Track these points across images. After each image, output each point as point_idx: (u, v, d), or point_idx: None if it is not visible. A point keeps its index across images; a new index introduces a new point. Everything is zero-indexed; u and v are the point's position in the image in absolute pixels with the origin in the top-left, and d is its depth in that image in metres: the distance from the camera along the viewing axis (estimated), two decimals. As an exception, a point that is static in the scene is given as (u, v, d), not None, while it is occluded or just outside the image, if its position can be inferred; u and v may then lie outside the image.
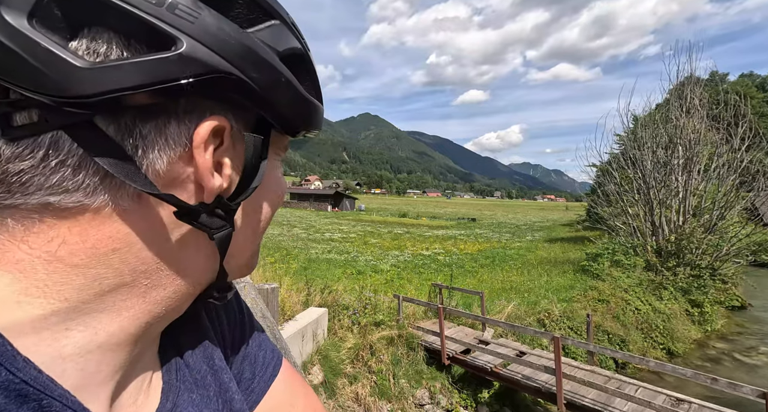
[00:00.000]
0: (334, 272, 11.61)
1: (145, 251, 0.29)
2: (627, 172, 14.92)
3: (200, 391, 0.39)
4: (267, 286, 2.26)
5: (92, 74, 0.23)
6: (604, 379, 5.44)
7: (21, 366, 0.25)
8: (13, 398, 0.24)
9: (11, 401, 0.24)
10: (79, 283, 0.27)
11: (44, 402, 0.25)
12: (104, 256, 0.28)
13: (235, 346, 0.47)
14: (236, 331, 0.48)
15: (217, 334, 0.45)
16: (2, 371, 0.24)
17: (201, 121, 0.28)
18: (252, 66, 0.28)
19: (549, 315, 8.22)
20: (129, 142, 0.26)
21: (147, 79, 0.24)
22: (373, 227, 28.27)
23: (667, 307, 9.77)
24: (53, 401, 0.26)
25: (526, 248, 19.20)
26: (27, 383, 0.25)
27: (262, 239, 0.40)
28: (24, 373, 0.25)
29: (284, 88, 0.31)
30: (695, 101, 14.08)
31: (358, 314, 6.82)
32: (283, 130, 0.34)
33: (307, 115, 0.35)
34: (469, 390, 6.45)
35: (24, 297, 0.26)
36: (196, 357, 0.41)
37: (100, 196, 0.27)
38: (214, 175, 0.29)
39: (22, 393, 0.24)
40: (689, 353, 8.99)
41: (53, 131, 0.25)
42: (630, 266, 11.27)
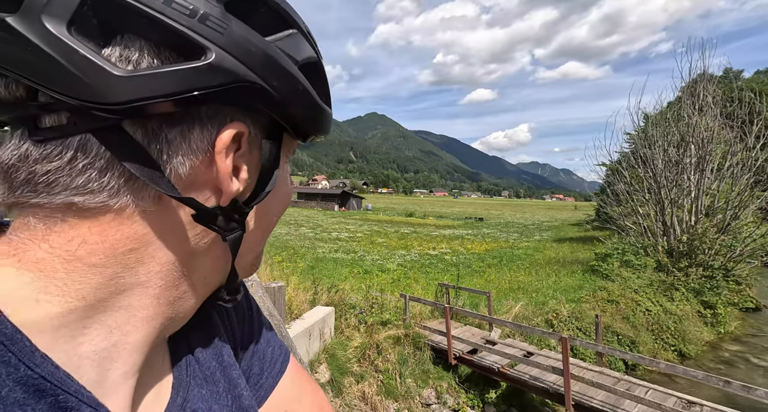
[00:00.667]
0: (341, 271, 11.65)
1: (161, 252, 0.30)
2: (637, 171, 14.70)
3: (210, 386, 0.40)
4: (274, 284, 2.28)
5: (128, 82, 0.24)
6: (613, 380, 5.37)
7: (39, 362, 0.26)
8: (32, 393, 0.25)
9: (30, 395, 0.25)
10: (96, 282, 0.28)
11: (60, 397, 0.26)
12: (122, 256, 0.28)
13: (244, 342, 0.47)
14: (245, 327, 0.48)
15: (227, 330, 0.45)
16: (21, 366, 0.25)
17: (223, 128, 0.29)
18: (273, 75, 0.29)
19: (557, 316, 8.14)
20: (155, 147, 0.27)
21: (178, 87, 0.25)
22: (379, 227, 28.29)
23: (679, 308, 9.60)
24: (69, 397, 0.26)
25: (534, 248, 19.04)
26: (44, 378, 0.25)
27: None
28: (42, 368, 0.25)
29: (301, 96, 0.32)
30: (708, 99, 13.80)
31: (365, 313, 6.84)
32: (295, 135, 0.35)
33: (318, 121, 0.36)
34: (476, 390, 6.43)
35: (43, 295, 0.27)
36: (206, 353, 0.41)
37: (123, 198, 0.27)
38: (232, 180, 0.30)
39: (40, 388, 0.25)
40: (702, 355, 8.83)
41: (82, 134, 0.26)
42: (640, 267, 11.10)
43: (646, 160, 14.20)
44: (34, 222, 0.27)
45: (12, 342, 0.25)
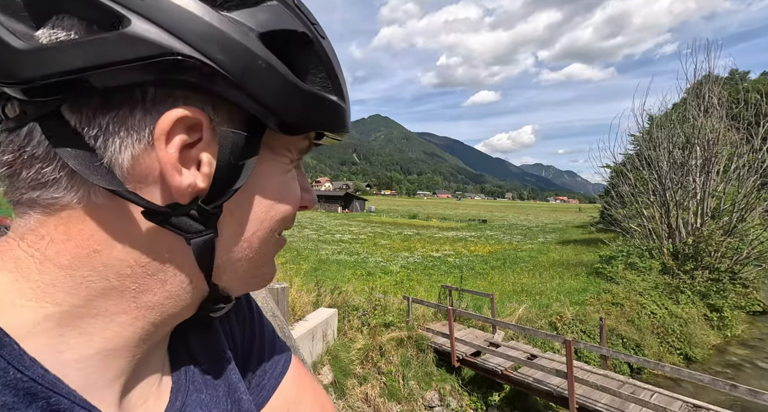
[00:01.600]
0: (344, 273, 11.66)
1: (126, 253, 0.28)
2: (642, 173, 14.61)
3: (209, 391, 0.39)
4: (277, 285, 2.30)
5: (32, 56, 0.23)
6: (618, 384, 5.33)
7: (28, 365, 0.25)
8: (22, 397, 0.24)
9: (20, 399, 0.24)
10: (68, 285, 0.27)
11: (52, 400, 0.25)
12: (87, 257, 0.27)
13: (245, 345, 0.47)
14: (246, 330, 0.48)
15: (226, 334, 0.45)
16: (10, 369, 0.24)
17: (165, 112, 0.26)
18: (218, 47, 0.25)
19: (561, 318, 8.10)
20: (90, 134, 0.25)
21: (87, 61, 0.23)
22: (383, 229, 28.29)
23: (685, 311, 9.50)
24: (61, 399, 0.26)
25: (537, 250, 18.95)
26: (35, 381, 0.25)
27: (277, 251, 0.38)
28: (32, 371, 0.25)
29: (265, 75, 0.27)
30: (714, 100, 13.71)
31: (368, 314, 6.84)
32: (280, 129, 0.29)
33: (312, 112, 0.30)
34: (480, 393, 6.40)
35: (19, 300, 0.26)
36: (206, 357, 0.41)
37: (72, 192, 0.26)
38: (181, 173, 0.27)
39: (30, 391, 0.25)
40: (708, 359, 8.73)
41: (30, 123, 0.25)
42: (645, 269, 11.01)
43: (650, 162, 14.11)
44: (17, 219, 0.28)
45: (0, 345, 0.24)
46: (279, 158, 0.33)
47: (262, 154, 0.31)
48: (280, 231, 0.35)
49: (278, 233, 0.35)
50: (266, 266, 0.36)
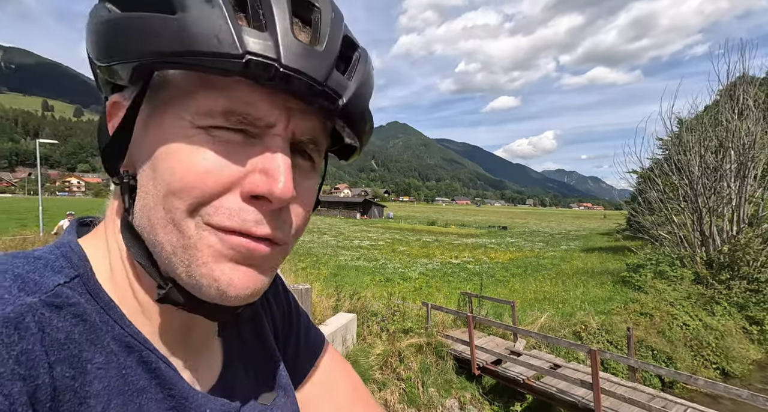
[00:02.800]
0: (363, 278, 11.71)
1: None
2: (671, 178, 14.02)
3: (254, 366, 0.45)
4: (301, 286, 2.38)
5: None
6: (648, 397, 5.10)
7: (127, 323, 0.32)
8: (123, 348, 0.31)
9: (122, 349, 0.31)
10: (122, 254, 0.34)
11: (144, 353, 0.32)
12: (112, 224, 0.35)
13: (285, 331, 0.53)
14: (285, 315, 0.54)
15: (267, 317, 0.51)
16: (116, 326, 0.31)
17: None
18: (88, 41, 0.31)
19: (585, 328, 7.84)
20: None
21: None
22: (401, 235, 28.24)
23: (721, 323, 8.99)
24: (150, 354, 0.33)
25: (560, 258, 18.43)
26: (133, 337, 0.32)
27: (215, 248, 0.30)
28: (130, 329, 0.32)
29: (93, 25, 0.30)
30: (749, 102, 13.05)
31: (387, 320, 6.84)
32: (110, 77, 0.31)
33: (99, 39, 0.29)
34: (501, 402, 6.26)
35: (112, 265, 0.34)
36: (251, 337, 0.46)
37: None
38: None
39: (129, 345, 0.32)
40: (748, 374, 8.21)
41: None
42: (676, 278, 10.51)
43: (680, 167, 13.53)
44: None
45: (108, 307, 0.32)
46: (172, 120, 0.29)
47: (156, 115, 0.30)
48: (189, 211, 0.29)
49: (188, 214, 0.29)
50: (194, 265, 0.29)
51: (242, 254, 0.30)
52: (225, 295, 0.30)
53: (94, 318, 0.30)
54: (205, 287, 0.30)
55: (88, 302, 0.31)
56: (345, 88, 0.31)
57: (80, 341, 0.28)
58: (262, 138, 0.30)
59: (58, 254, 0.32)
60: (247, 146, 0.30)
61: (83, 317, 0.29)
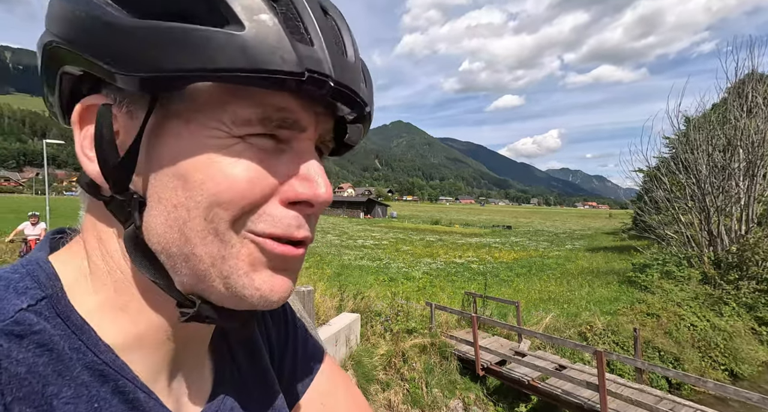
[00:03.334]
0: (367, 278, 11.69)
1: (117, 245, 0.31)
2: (678, 177, 13.86)
3: (246, 387, 0.42)
4: (303, 288, 2.36)
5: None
6: (655, 399, 5.04)
7: (103, 349, 0.29)
8: (97, 377, 0.28)
9: (95, 379, 0.28)
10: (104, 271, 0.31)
11: (120, 382, 0.29)
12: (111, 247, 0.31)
13: (280, 344, 0.49)
14: (281, 330, 0.50)
15: (262, 334, 0.47)
16: (89, 353, 0.28)
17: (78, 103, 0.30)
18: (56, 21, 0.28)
19: (591, 328, 7.77)
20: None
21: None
22: (405, 234, 28.21)
23: (729, 324, 8.87)
24: (127, 383, 0.29)
25: (565, 257, 18.31)
26: (107, 364, 0.29)
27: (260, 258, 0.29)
28: (105, 356, 0.29)
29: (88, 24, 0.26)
30: (758, 100, 12.86)
31: (390, 320, 6.82)
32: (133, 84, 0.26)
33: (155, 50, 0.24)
34: (505, 403, 6.22)
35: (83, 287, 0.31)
36: (244, 356, 0.43)
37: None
38: (93, 161, 0.29)
39: (103, 373, 0.28)
40: (757, 376, 8.10)
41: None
42: (683, 279, 10.39)
43: (688, 166, 13.37)
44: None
45: (81, 331, 0.28)
46: (201, 130, 0.28)
47: (174, 125, 0.28)
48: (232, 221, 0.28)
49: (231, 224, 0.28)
50: (234, 275, 0.29)
51: (281, 262, 0.30)
52: (267, 300, 0.30)
53: (62, 346, 0.27)
54: (247, 297, 0.29)
55: (57, 326, 0.28)
56: (369, 96, 0.33)
57: (45, 374, 0.26)
58: (291, 143, 0.30)
59: (23, 272, 0.29)
60: (279, 153, 0.30)
61: (49, 346, 0.27)
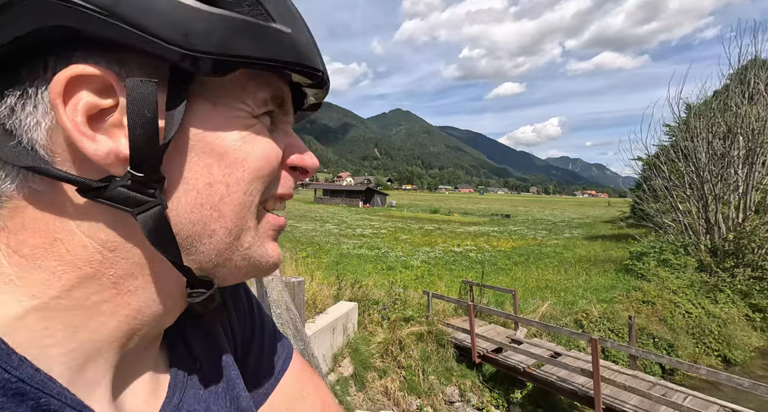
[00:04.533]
0: (365, 267, 11.74)
1: (88, 238, 0.26)
2: (677, 165, 13.81)
3: (208, 387, 0.38)
4: (293, 279, 2.33)
5: None
6: (648, 385, 5.12)
7: (17, 365, 0.24)
8: (10, 397, 0.23)
9: (8, 399, 0.23)
10: (40, 277, 0.26)
11: (42, 400, 0.24)
12: (51, 246, 0.26)
13: (245, 339, 0.46)
14: (246, 324, 0.47)
15: (225, 329, 0.44)
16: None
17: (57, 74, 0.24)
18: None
19: (587, 316, 7.84)
20: (1, 110, 0.25)
21: None
22: (403, 223, 28.26)
23: (723, 311, 8.98)
24: (51, 399, 0.25)
25: (563, 246, 18.40)
26: (24, 381, 0.24)
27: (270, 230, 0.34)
28: (20, 371, 0.24)
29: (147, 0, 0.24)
30: (760, 86, 12.71)
31: (388, 309, 6.87)
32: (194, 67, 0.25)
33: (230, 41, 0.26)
34: (501, 390, 6.32)
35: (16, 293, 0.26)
36: (204, 353, 0.40)
37: (8, 181, 0.25)
38: (95, 139, 0.25)
39: (19, 392, 0.24)
40: (750, 362, 8.23)
41: None
42: (680, 266, 10.46)
43: (687, 154, 13.31)
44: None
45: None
46: (229, 111, 0.29)
47: (201, 107, 0.28)
48: (262, 199, 0.32)
49: (260, 202, 0.32)
50: (255, 245, 0.32)
51: (278, 232, 0.35)
52: (276, 265, 0.35)
53: None
54: (262, 265, 0.33)
55: None
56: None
57: None
58: (280, 120, 0.34)
59: None
60: (276, 129, 0.34)
61: None
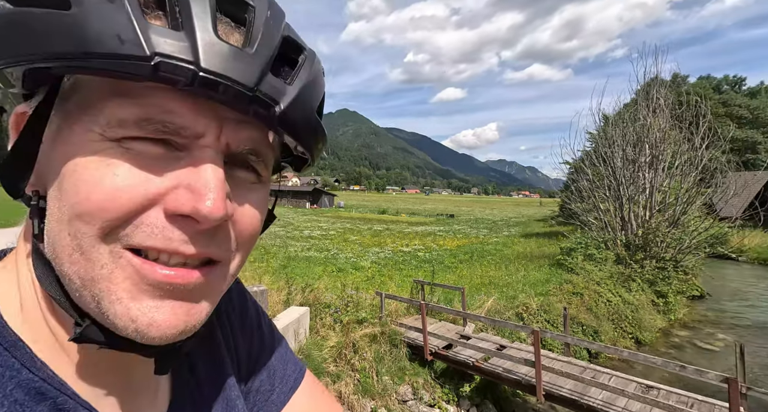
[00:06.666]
0: (314, 269, 11.45)
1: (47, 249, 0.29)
2: (599, 169, 15.50)
3: (207, 406, 0.39)
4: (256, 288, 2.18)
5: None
6: (580, 369, 5.64)
7: (39, 366, 0.28)
8: (33, 395, 0.26)
9: (31, 397, 0.26)
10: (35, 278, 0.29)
11: (59, 399, 0.27)
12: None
13: (251, 359, 0.46)
14: (253, 343, 0.47)
15: (229, 348, 0.44)
16: (23, 370, 0.27)
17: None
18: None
19: (527, 309, 8.43)
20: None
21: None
22: (352, 224, 28.12)
23: (635, 298, 10.23)
24: (67, 399, 0.28)
25: (503, 244, 19.64)
26: (45, 381, 0.27)
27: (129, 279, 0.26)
28: (42, 373, 0.27)
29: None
30: (661, 101, 14.76)
31: (340, 312, 6.76)
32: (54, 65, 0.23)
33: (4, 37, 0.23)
34: (451, 385, 6.53)
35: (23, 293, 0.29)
36: (206, 371, 0.40)
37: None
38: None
39: (40, 391, 0.27)
40: (656, 341, 9.48)
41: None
42: (602, 260, 11.72)
43: (606, 159, 15.00)
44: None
45: (15, 348, 0.27)
46: (83, 134, 0.25)
47: (64, 129, 0.26)
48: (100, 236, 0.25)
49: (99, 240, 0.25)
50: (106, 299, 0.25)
51: (169, 289, 0.26)
52: (147, 336, 0.26)
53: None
54: (120, 328, 0.26)
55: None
56: (282, 93, 0.27)
57: None
58: (190, 150, 0.26)
59: None
60: (170, 160, 0.26)
61: None
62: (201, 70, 0.23)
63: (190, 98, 0.25)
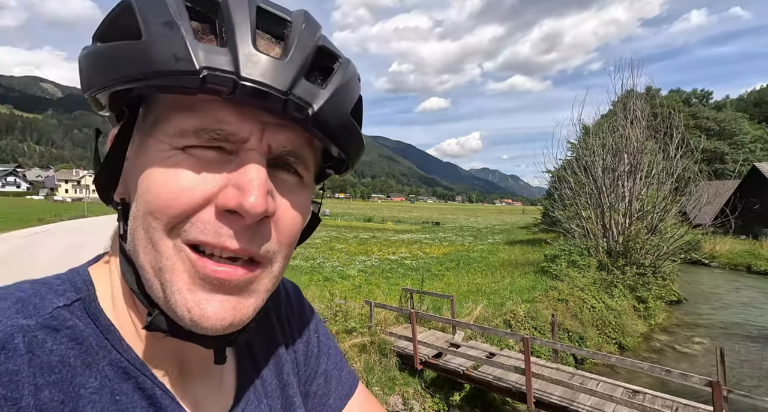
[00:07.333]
0: (301, 279, 11.25)
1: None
2: (580, 177, 15.94)
3: (268, 402, 0.42)
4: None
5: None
6: (569, 375, 5.68)
7: (126, 348, 0.32)
8: (120, 374, 0.31)
9: (118, 375, 0.30)
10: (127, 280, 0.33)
11: (140, 379, 0.31)
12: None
13: (309, 361, 0.49)
14: (310, 346, 0.50)
15: (288, 348, 0.47)
16: (113, 351, 0.31)
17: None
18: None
19: (515, 316, 8.48)
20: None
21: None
22: (338, 232, 27.90)
23: (618, 304, 10.46)
24: (147, 380, 0.32)
25: (488, 251, 19.83)
26: (130, 362, 0.31)
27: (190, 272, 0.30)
28: (128, 354, 0.31)
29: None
30: (637, 113, 15.37)
31: (329, 321, 6.63)
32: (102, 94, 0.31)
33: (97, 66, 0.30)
34: (441, 394, 6.47)
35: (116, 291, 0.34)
36: (268, 368, 0.44)
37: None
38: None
39: (126, 371, 0.31)
40: (638, 346, 9.68)
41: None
42: (585, 266, 11.96)
43: (587, 168, 15.44)
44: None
45: (107, 331, 0.31)
46: (155, 144, 0.30)
47: (144, 143, 0.31)
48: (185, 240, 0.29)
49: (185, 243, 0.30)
50: (169, 291, 0.29)
51: (218, 284, 0.30)
52: (199, 326, 0.30)
53: (91, 342, 0.30)
54: (179, 317, 0.30)
55: (87, 325, 0.31)
56: (316, 96, 0.30)
57: (75, 365, 0.29)
58: (238, 154, 0.30)
59: (64, 278, 0.34)
60: (222, 163, 0.30)
61: (79, 340, 0.30)
62: (241, 78, 0.27)
63: (236, 107, 0.29)
